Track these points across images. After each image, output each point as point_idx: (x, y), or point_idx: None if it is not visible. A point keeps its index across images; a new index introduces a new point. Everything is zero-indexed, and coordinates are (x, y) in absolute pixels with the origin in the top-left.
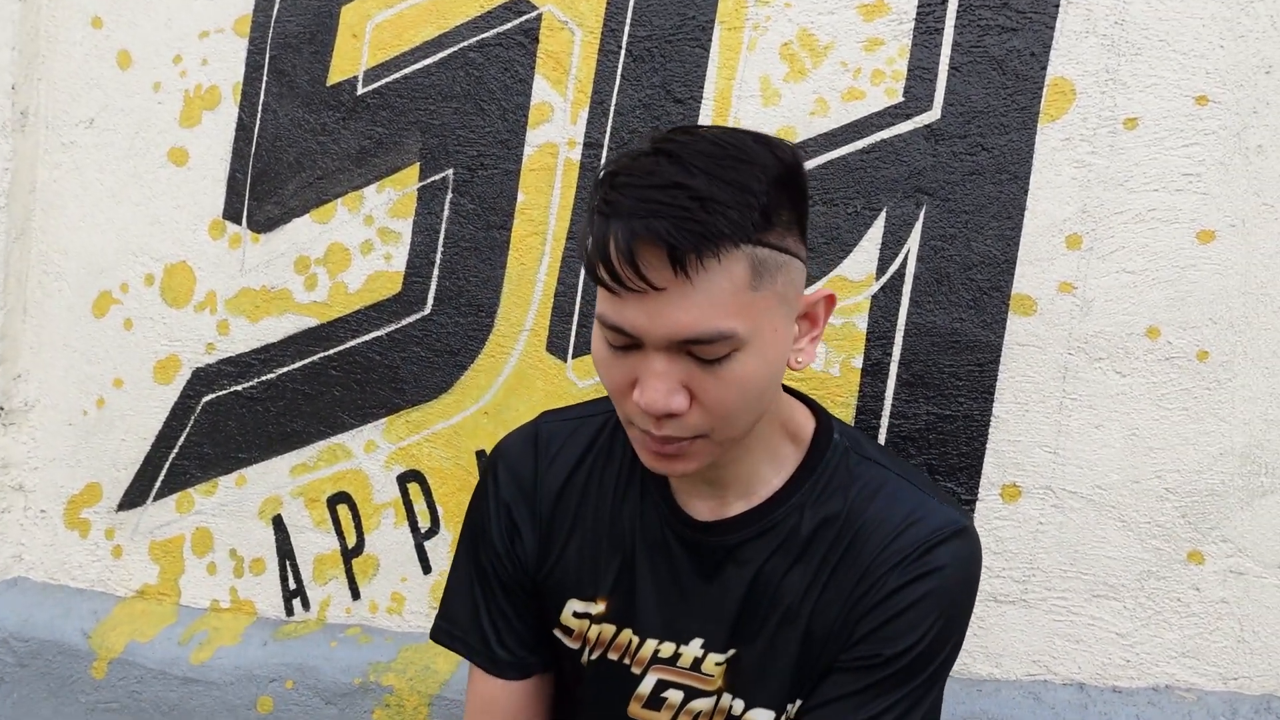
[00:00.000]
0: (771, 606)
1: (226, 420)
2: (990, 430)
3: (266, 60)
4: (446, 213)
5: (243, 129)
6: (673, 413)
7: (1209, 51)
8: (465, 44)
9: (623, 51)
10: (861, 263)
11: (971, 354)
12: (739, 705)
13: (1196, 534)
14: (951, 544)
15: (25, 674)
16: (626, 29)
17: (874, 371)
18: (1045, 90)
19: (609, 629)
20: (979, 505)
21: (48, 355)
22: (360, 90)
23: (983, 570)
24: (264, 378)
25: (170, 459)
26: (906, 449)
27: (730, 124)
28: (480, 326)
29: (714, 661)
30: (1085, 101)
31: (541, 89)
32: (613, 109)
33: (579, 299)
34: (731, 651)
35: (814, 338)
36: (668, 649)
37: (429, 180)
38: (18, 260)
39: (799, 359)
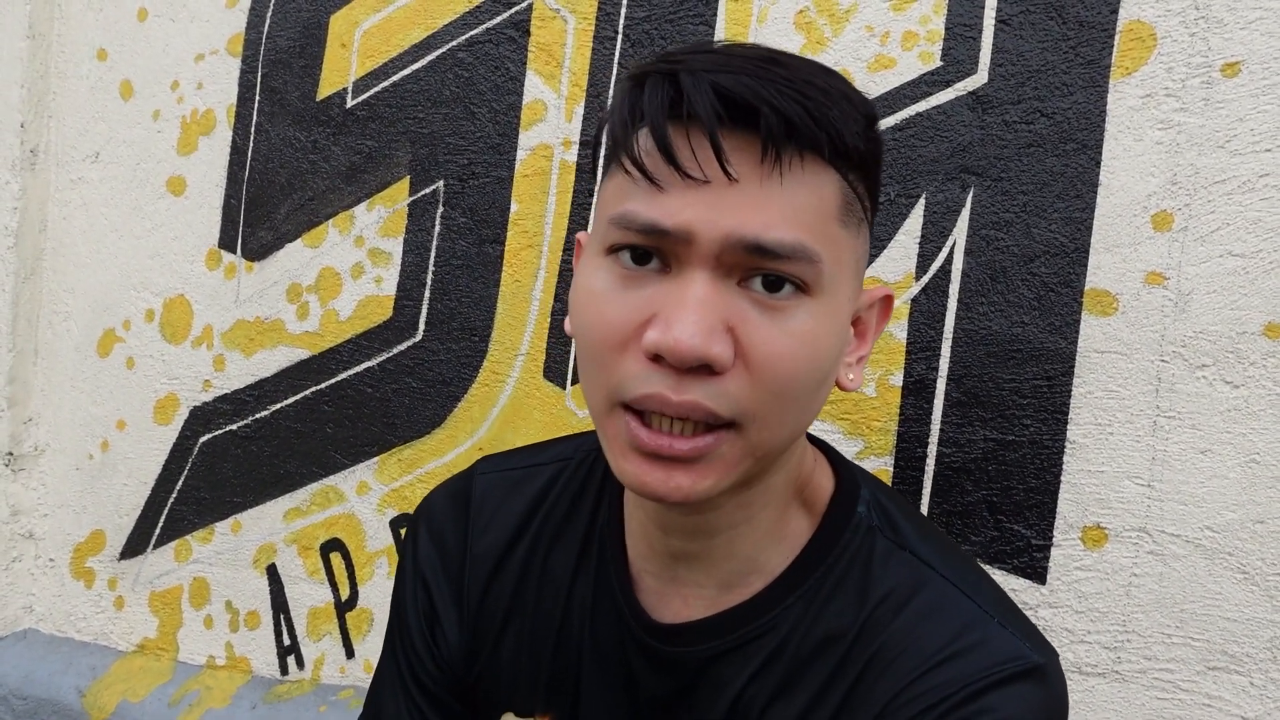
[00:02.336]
0: None
1: (222, 462)
2: (1065, 459)
3: (259, 79)
4: (437, 228)
5: (236, 152)
6: (709, 362)
7: None
8: (454, 44)
9: (619, 37)
10: (898, 260)
11: (1038, 365)
12: None
13: None
14: (1016, 688)
15: None
16: (623, 11)
17: (917, 390)
18: (1118, 38)
19: None
20: (1054, 552)
21: (56, 398)
22: (350, 103)
23: (1063, 634)
24: (258, 415)
25: (169, 504)
26: (961, 483)
27: None
28: (474, 352)
29: None
30: (1170, 47)
31: (534, 86)
32: (610, 103)
33: None
34: None
35: (862, 357)
36: None
37: (419, 195)
38: (28, 301)
39: (850, 376)
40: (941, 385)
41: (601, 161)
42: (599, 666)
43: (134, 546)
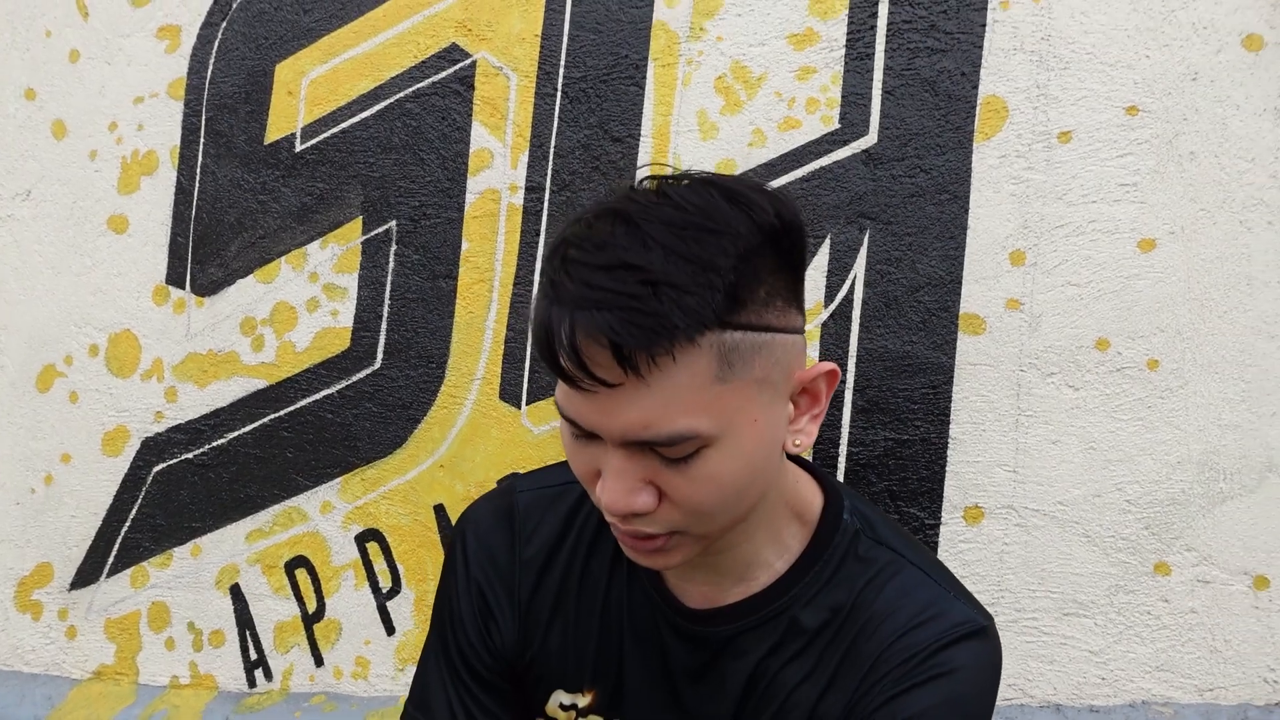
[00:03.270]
0: (770, 704)
1: (179, 489)
2: (949, 452)
3: (203, 122)
4: (391, 265)
5: (182, 192)
6: (636, 513)
7: (1136, 61)
8: (401, 95)
9: (559, 94)
10: (810, 291)
11: (925, 376)
12: None
13: (1161, 545)
14: (969, 645)
15: None
16: (561, 71)
17: (830, 400)
18: (978, 109)
19: None
20: (943, 529)
21: None
22: (299, 147)
23: None
24: (215, 443)
25: (123, 532)
26: (866, 476)
27: (670, 160)
28: (431, 378)
29: None
30: (1018, 118)
31: (480, 135)
32: (552, 151)
33: (529, 345)
34: None
35: (815, 415)
36: None
37: (372, 233)
38: None
39: (797, 441)
40: (849, 395)
41: None
42: (638, 647)
43: (85, 577)
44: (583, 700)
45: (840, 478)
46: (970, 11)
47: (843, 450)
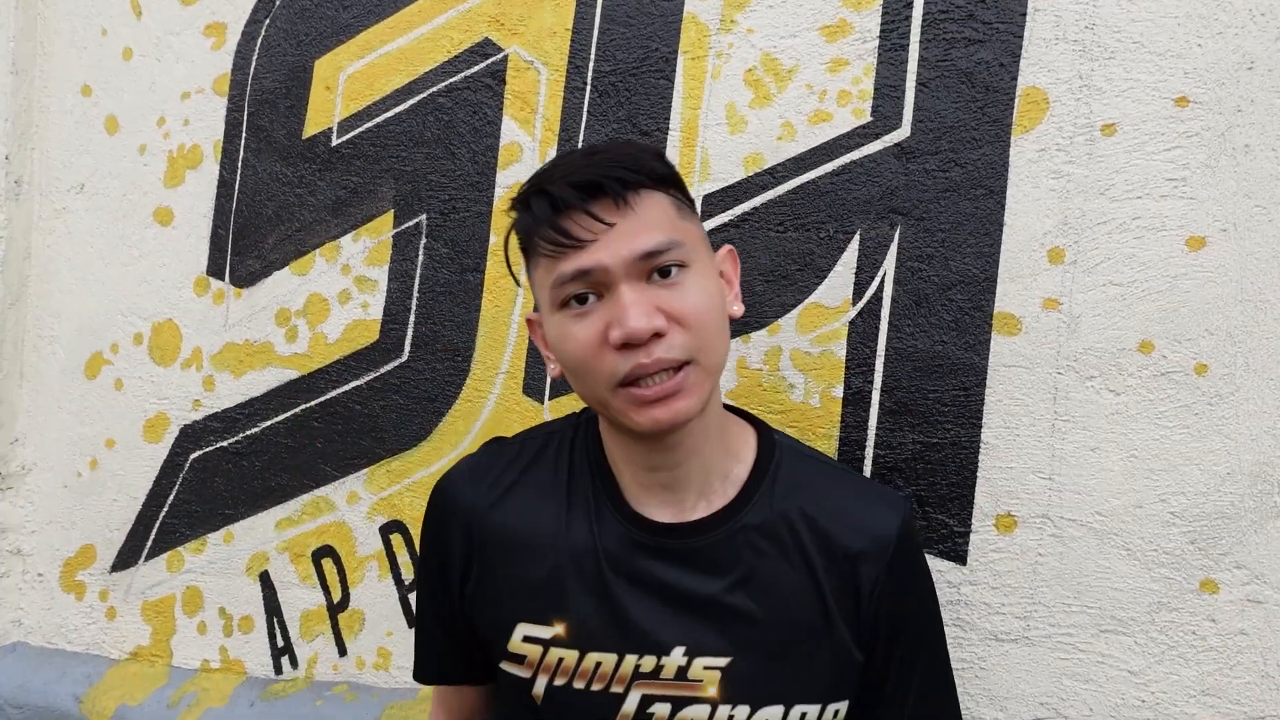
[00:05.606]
0: (753, 605)
1: (213, 477)
2: (980, 457)
3: (245, 117)
4: (421, 258)
5: (224, 185)
6: (657, 331)
7: (1186, 50)
8: (434, 89)
9: (588, 88)
10: (837, 288)
11: (956, 377)
12: (742, 712)
13: (1208, 561)
14: (902, 509)
15: None
16: (591, 65)
17: (855, 400)
18: (1017, 101)
19: (570, 655)
20: (973, 537)
21: (43, 418)
22: (335, 141)
23: (981, 607)
24: (248, 432)
25: (160, 518)
26: (894, 480)
27: (699, 154)
28: (457, 371)
29: (702, 667)
30: (1059, 110)
31: (510, 129)
32: (581, 145)
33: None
34: (726, 660)
35: (736, 293)
36: (648, 662)
37: (403, 226)
38: (13, 326)
39: (734, 308)
40: (876, 396)
41: (521, 265)
42: (610, 568)
43: (125, 559)
44: (551, 631)
45: None
46: (1010, 0)
47: (869, 453)
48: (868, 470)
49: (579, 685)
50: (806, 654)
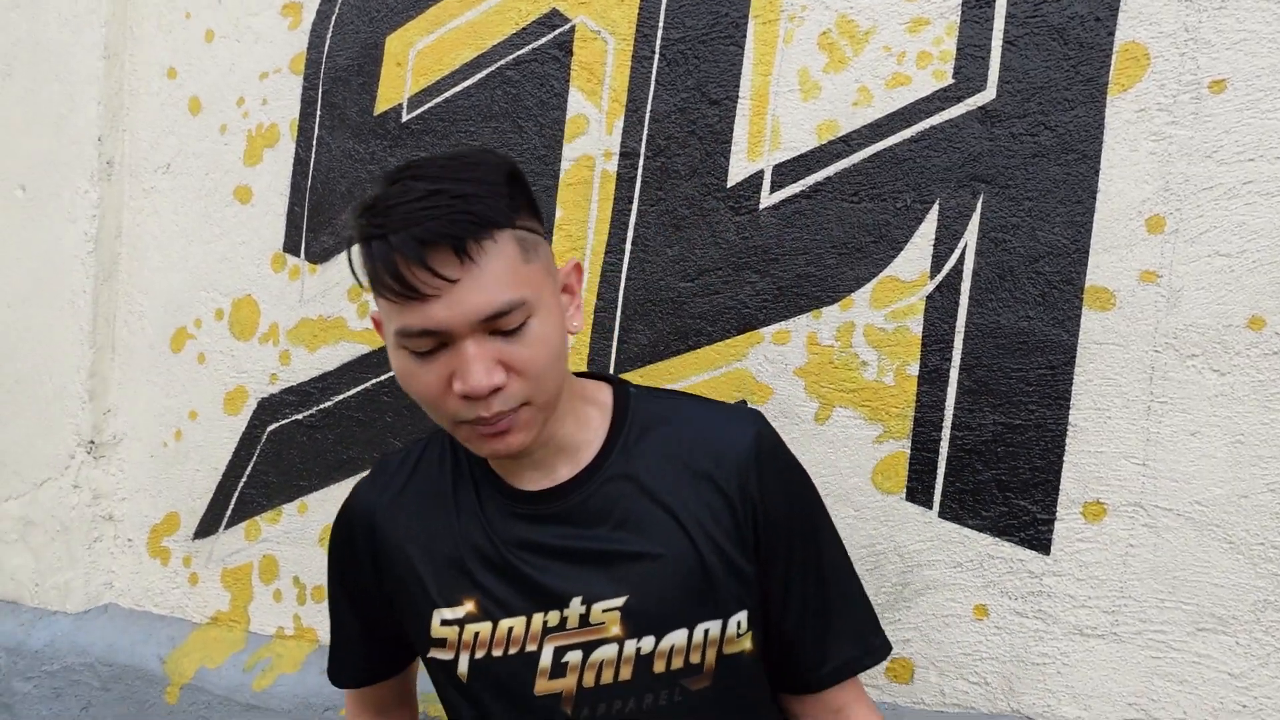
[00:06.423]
0: (634, 545)
1: (289, 449)
2: (1068, 441)
3: (320, 95)
4: None
5: (299, 163)
6: (496, 387)
7: None
8: (502, 63)
9: (656, 56)
10: (914, 261)
11: (1042, 355)
12: (648, 643)
13: None
14: (757, 423)
15: (108, 698)
16: (659, 33)
17: (932, 379)
18: (1114, 57)
19: (485, 627)
20: (1057, 525)
21: (132, 390)
22: (405, 117)
23: (1065, 599)
24: (322, 406)
25: (239, 488)
26: (972, 464)
27: (769, 122)
28: None
29: (600, 610)
30: (1162, 66)
31: (577, 101)
32: (648, 116)
33: (619, 314)
34: (622, 599)
35: (577, 306)
36: (554, 617)
37: None
38: (106, 302)
39: (573, 325)
40: (954, 374)
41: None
42: (499, 541)
43: (206, 527)
44: (463, 610)
45: (942, 463)
46: None
47: (945, 434)
48: (943, 452)
49: (497, 653)
50: (696, 577)
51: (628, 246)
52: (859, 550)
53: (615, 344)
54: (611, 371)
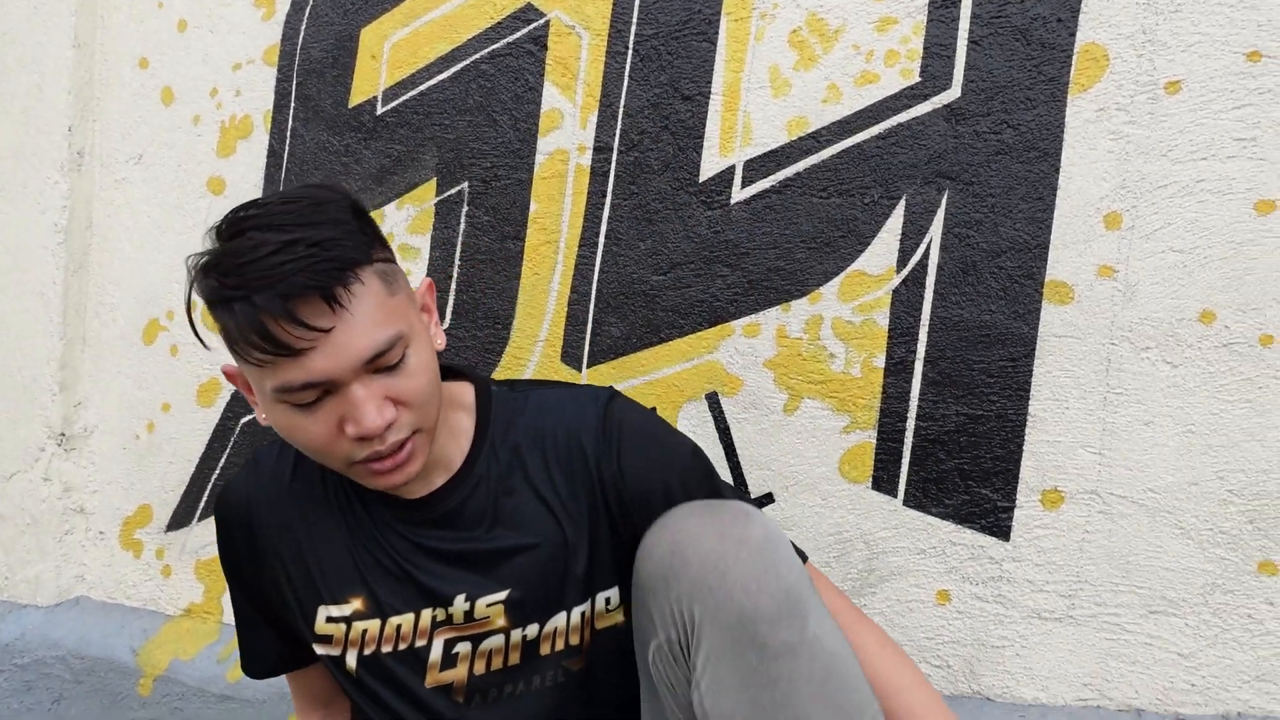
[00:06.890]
0: (509, 541)
1: (262, 441)
2: (1027, 431)
3: (294, 87)
4: (463, 226)
5: (273, 155)
6: (389, 423)
7: (1260, 1)
8: (476, 56)
9: (630, 52)
10: (880, 255)
11: (1003, 348)
12: (533, 630)
13: (1268, 542)
14: (606, 397)
15: (80, 691)
16: (633, 28)
17: (897, 370)
18: (1075, 58)
19: (373, 624)
20: (1017, 513)
21: (104, 382)
22: (380, 110)
23: (1024, 584)
24: None
25: (213, 480)
26: (936, 453)
27: (740, 118)
28: (497, 339)
29: (485, 605)
30: (1120, 67)
31: (551, 96)
32: (621, 111)
33: (592, 306)
34: (504, 593)
35: (436, 323)
36: (440, 613)
37: (445, 195)
38: (76, 293)
39: (438, 342)
40: (919, 366)
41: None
42: (384, 542)
43: (180, 519)
44: (350, 607)
45: (907, 453)
46: None
47: (910, 424)
48: (907, 442)
49: (387, 649)
50: (576, 559)
51: (601, 240)
52: (825, 538)
53: (588, 336)
54: (585, 363)
